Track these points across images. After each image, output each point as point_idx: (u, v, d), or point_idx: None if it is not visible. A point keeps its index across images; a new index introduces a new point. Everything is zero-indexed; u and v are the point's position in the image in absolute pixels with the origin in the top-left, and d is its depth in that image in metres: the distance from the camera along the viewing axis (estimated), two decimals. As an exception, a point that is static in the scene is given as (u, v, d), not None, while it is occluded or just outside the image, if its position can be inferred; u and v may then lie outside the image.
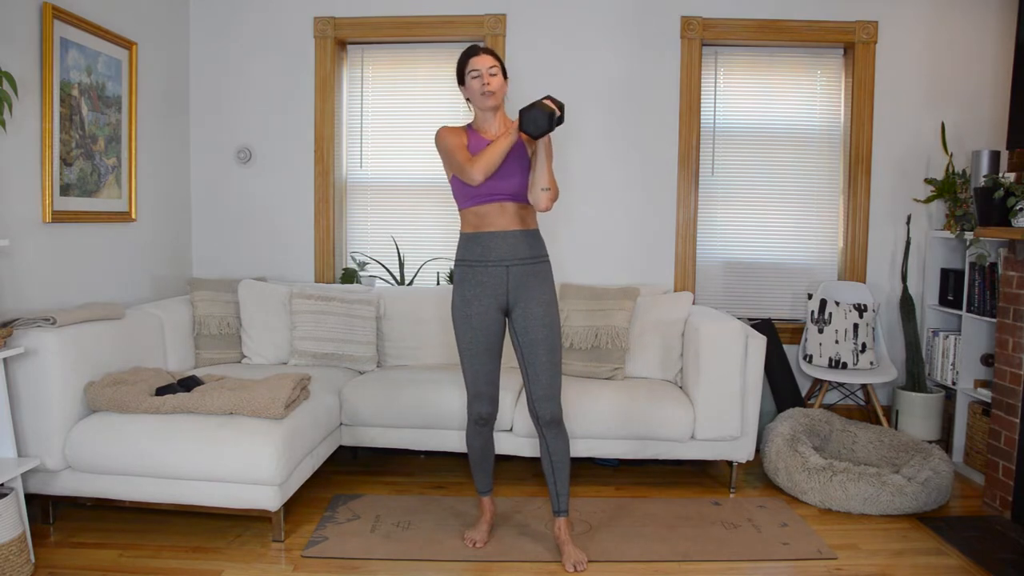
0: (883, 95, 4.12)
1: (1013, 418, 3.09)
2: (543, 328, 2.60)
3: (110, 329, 3.00)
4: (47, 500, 2.84)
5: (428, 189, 4.32)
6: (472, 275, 2.63)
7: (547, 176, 2.55)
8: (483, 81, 2.58)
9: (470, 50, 2.64)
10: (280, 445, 2.68)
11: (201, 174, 4.31)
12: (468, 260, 2.64)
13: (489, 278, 2.61)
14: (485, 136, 2.66)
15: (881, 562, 2.69)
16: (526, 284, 2.61)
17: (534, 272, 2.63)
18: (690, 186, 4.17)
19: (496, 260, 2.60)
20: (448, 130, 2.67)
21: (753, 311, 4.27)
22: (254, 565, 2.61)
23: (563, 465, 2.63)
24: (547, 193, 2.56)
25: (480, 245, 2.61)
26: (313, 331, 3.67)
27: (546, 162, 2.54)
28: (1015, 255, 3.16)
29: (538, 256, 2.66)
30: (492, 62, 2.60)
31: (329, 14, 4.20)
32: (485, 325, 2.62)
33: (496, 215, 2.60)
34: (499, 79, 2.60)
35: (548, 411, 2.59)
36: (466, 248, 2.65)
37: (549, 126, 2.45)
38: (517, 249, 2.61)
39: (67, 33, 3.18)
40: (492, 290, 2.61)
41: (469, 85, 2.62)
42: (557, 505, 2.65)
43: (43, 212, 3.09)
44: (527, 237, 2.63)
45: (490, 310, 2.62)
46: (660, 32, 4.13)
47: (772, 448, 3.36)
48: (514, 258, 2.60)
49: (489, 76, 2.58)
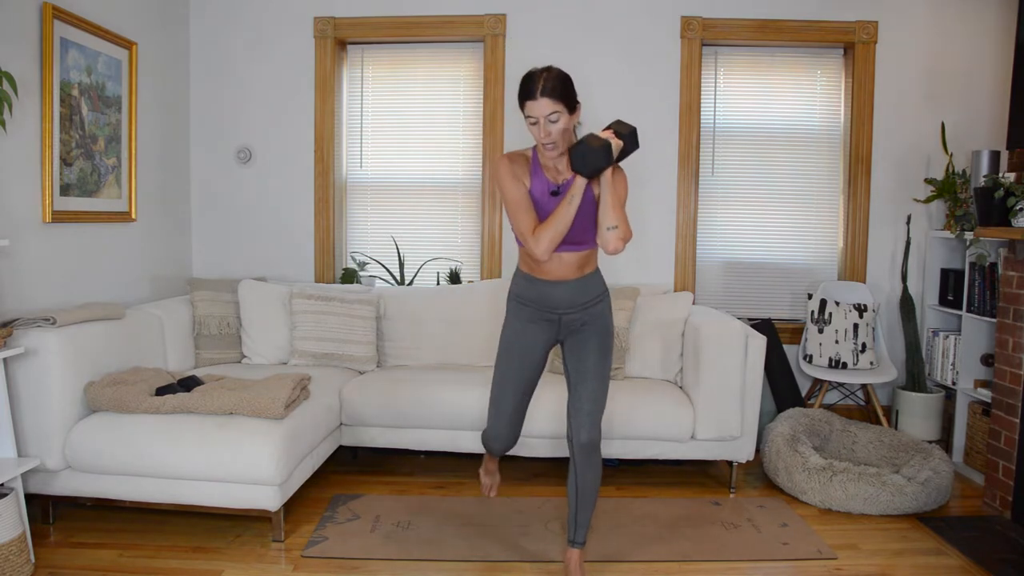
0: (883, 95, 4.12)
1: (1013, 418, 3.09)
2: (595, 354, 2.43)
3: (110, 329, 3.00)
4: (47, 500, 2.84)
5: (428, 189, 4.32)
6: (525, 312, 2.48)
7: (613, 214, 2.27)
8: (542, 131, 2.23)
9: (527, 86, 2.22)
10: (280, 445, 2.68)
11: (201, 174, 4.31)
12: (524, 299, 2.48)
13: (541, 318, 2.47)
14: (550, 175, 2.36)
15: (881, 562, 2.69)
16: (582, 321, 2.45)
17: (590, 314, 2.45)
18: (690, 186, 4.17)
19: (550, 308, 2.44)
20: (507, 167, 2.33)
21: (753, 311, 4.27)
22: (254, 565, 2.61)
23: (589, 496, 2.42)
24: (614, 232, 2.27)
25: (535, 291, 2.44)
26: (313, 331, 3.67)
27: (611, 198, 2.27)
28: (1015, 255, 3.16)
29: (595, 298, 2.46)
30: (551, 108, 2.19)
31: (329, 14, 4.20)
32: (526, 360, 2.49)
33: (553, 264, 2.38)
34: (561, 124, 2.22)
35: (587, 433, 2.38)
36: (523, 286, 2.48)
37: (607, 162, 2.17)
38: (573, 298, 2.42)
39: (67, 33, 3.18)
40: (542, 329, 2.48)
41: (528, 128, 2.28)
42: (574, 535, 2.44)
43: (43, 212, 3.09)
44: (584, 283, 2.42)
45: (537, 346, 2.49)
46: (660, 32, 4.14)
47: (772, 448, 3.36)
48: (569, 307, 2.43)
49: (548, 126, 2.22)
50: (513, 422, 2.57)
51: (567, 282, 2.41)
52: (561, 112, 2.21)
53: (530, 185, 2.34)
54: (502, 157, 2.37)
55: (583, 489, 2.41)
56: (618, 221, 2.27)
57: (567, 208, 2.24)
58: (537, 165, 2.36)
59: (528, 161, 2.38)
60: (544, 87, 2.19)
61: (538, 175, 2.35)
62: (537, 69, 2.24)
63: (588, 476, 2.40)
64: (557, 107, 2.20)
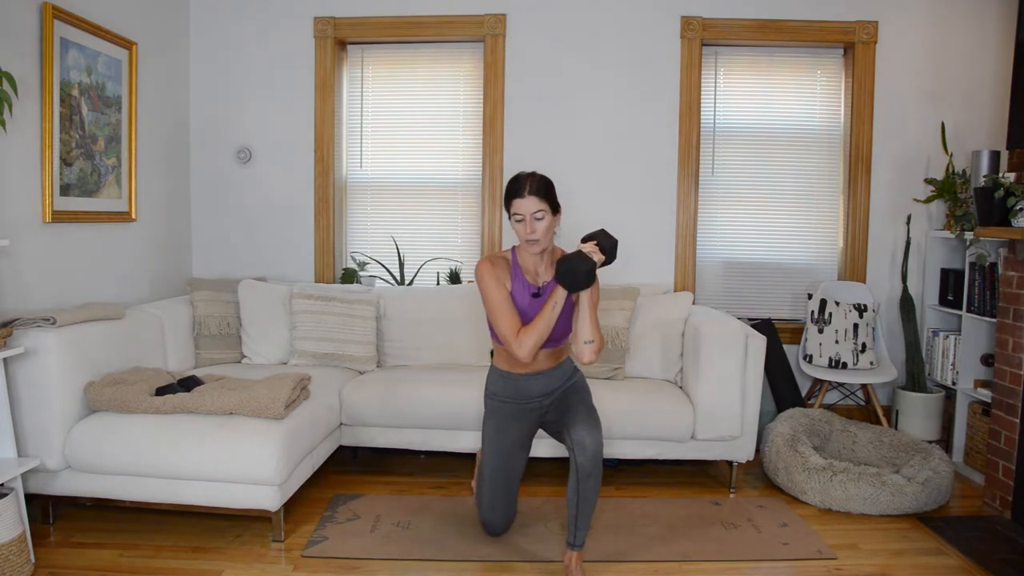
0: (883, 95, 4.12)
1: (1013, 418, 3.09)
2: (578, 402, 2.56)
3: (110, 329, 3.00)
4: (47, 500, 2.84)
5: (428, 189, 4.32)
6: (503, 409, 2.65)
7: (590, 328, 2.42)
8: (527, 228, 2.40)
9: (515, 186, 2.42)
10: (280, 445, 2.68)
11: (201, 174, 4.31)
12: (500, 396, 2.65)
13: (519, 411, 2.63)
14: (530, 277, 2.53)
15: (881, 562, 2.69)
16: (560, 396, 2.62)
17: (566, 389, 2.63)
18: (690, 186, 4.17)
19: (528, 398, 2.61)
20: (489, 271, 2.47)
21: (753, 311, 4.27)
22: (254, 565, 2.61)
23: (590, 503, 2.43)
24: (591, 346, 2.43)
25: (511, 386, 2.61)
26: (313, 331, 3.66)
27: (589, 312, 2.41)
28: (1015, 255, 3.16)
29: (568, 378, 2.65)
30: (537, 207, 2.38)
31: (329, 14, 4.20)
32: (510, 455, 2.65)
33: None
34: (545, 223, 2.40)
35: (590, 440, 2.40)
36: (498, 384, 2.64)
37: (590, 282, 2.30)
38: (548, 385, 2.60)
39: (67, 33, 3.18)
40: (522, 420, 2.65)
41: (513, 226, 2.45)
42: (573, 538, 2.46)
43: (43, 212, 3.09)
44: (558, 371, 2.61)
45: (520, 439, 2.66)
46: (660, 32, 4.14)
47: (772, 448, 3.36)
48: (544, 393, 2.61)
49: (533, 223, 2.39)
50: (508, 508, 2.74)
51: (543, 372, 2.58)
52: (546, 211, 2.40)
53: (511, 287, 2.48)
54: (484, 260, 2.51)
55: (584, 495, 2.42)
56: (594, 335, 2.43)
57: (551, 314, 2.39)
58: (517, 268, 2.53)
59: (508, 264, 2.53)
60: (531, 187, 2.39)
61: (518, 277, 2.51)
62: (524, 172, 2.45)
63: (590, 482, 2.42)
64: (542, 206, 2.39)
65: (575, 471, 2.41)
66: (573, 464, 2.42)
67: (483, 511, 2.75)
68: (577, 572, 2.46)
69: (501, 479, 2.68)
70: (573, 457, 2.42)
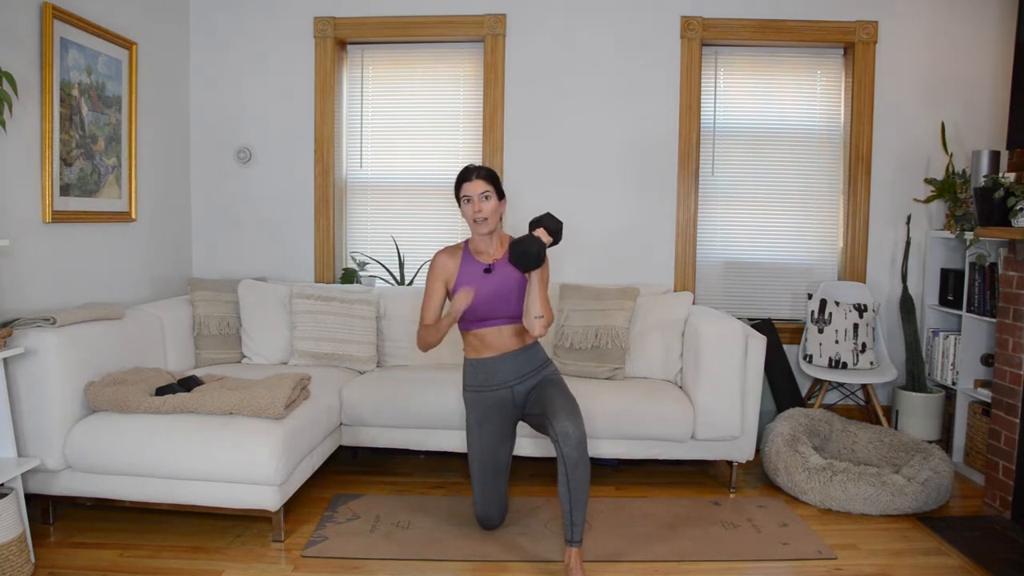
0: (883, 95, 4.12)
1: (1013, 418, 3.09)
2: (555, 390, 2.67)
3: (110, 329, 3.00)
4: (47, 500, 2.84)
5: (428, 189, 4.32)
6: (480, 399, 2.77)
7: (540, 303, 2.62)
8: (475, 208, 2.65)
9: (465, 173, 2.70)
10: (280, 445, 2.68)
11: (201, 174, 4.31)
12: (474, 386, 2.78)
13: (496, 400, 2.75)
14: (480, 258, 2.75)
15: (881, 562, 2.69)
16: (534, 384, 2.75)
17: (539, 377, 2.76)
18: (690, 186, 4.17)
19: (500, 384, 2.74)
20: (440, 260, 2.76)
21: (753, 311, 4.27)
22: (254, 565, 2.61)
23: (582, 492, 2.45)
24: (541, 321, 2.63)
25: (483, 372, 2.75)
26: (313, 331, 3.66)
27: (539, 289, 2.61)
28: (1015, 255, 3.16)
29: (540, 365, 2.78)
30: (484, 187, 2.66)
31: (329, 14, 4.20)
32: (494, 446, 2.76)
33: (494, 338, 2.73)
34: (492, 204, 2.66)
35: (573, 428, 2.45)
36: (471, 375, 2.79)
37: (538, 261, 2.51)
38: (518, 368, 2.74)
39: (67, 33, 3.18)
40: (501, 410, 2.76)
41: (462, 209, 2.71)
42: (571, 535, 2.46)
43: (43, 212, 3.09)
44: (526, 353, 2.75)
45: (502, 429, 2.78)
46: (660, 32, 4.14)
47: (772, 448, 3.36)
48: (516, 377, 2.74)
49: (481, 202, 2.65)
50: (500, 500, 2.83)
51: (511, 353, 2.74)
52: (491, 193, 2.67)
53: (461, 271, 2.74)
54: (440, 252, 2.80)
55: (575, 486, 2.45)
56: (544, 310, 2.64)
57: (446, 328, 2.67)
58: (468, 254, 2.77)
59: (461, 250, 2.80)
60: (479, 172, 2.69)
61: (469, 262, 2.76)
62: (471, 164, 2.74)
63: (578, 472, 2.45)
64: (488, 188, 2.67)
65: (562, 463, 2.45)
66: (560, 456, 2.46)
67: (476, 505, 2.85)
68: (577, 571, 2.46)
69: (490, 470, 2.78)
70: (559, 449, 2.46)
